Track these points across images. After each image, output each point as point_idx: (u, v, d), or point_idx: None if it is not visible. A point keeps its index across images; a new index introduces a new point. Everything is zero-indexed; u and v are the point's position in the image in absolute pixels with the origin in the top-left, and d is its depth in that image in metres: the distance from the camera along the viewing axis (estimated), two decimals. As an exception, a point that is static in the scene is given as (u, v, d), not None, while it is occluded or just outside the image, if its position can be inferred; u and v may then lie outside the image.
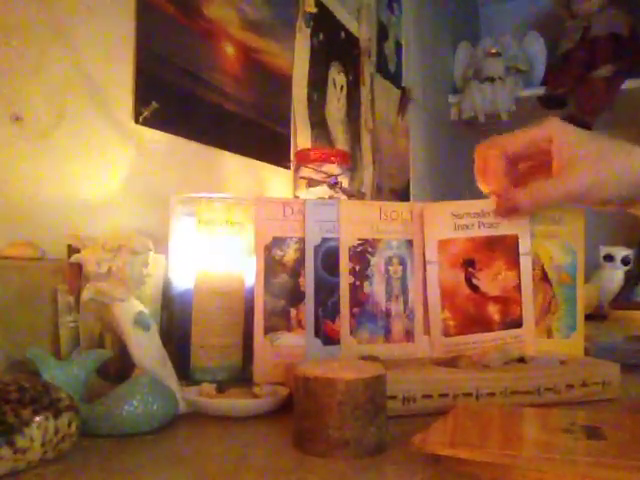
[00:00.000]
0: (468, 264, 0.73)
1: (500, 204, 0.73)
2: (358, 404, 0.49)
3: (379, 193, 1.63)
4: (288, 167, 1.23)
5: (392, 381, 0.56)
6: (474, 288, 0.73)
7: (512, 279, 0.74)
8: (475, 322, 0.73)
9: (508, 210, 0.72)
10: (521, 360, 0.71)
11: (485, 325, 0.74)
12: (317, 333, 0.72)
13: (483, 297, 0.74)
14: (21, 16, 0.72)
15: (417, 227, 0.76)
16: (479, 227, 0.74)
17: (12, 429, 0.43)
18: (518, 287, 0.75)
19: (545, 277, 0.78)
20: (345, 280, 0.73)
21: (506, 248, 0.74)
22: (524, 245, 0.75)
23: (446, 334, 0.73)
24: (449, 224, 0.74)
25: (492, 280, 0.74)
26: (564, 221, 0.78)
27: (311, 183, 1.10)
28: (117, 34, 0.85)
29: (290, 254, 0.72)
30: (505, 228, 0.74)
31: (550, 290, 0.78)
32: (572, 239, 0.79)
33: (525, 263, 0.75)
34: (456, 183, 2.34)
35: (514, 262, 0.74)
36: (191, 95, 0.97)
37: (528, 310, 0.75)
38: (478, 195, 0.76)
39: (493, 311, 0.74)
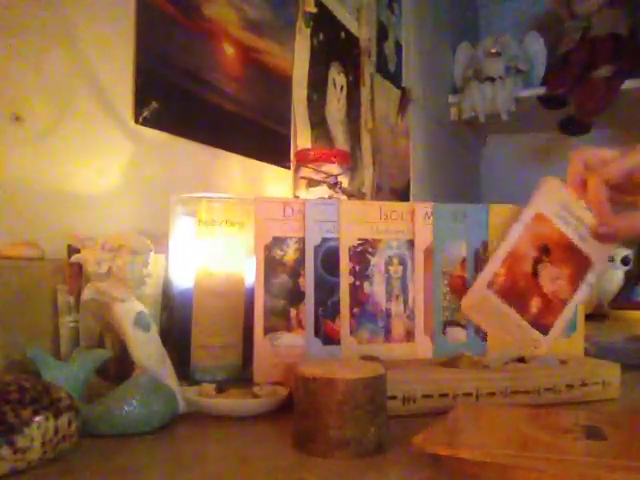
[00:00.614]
0: (544, 250, 0.74)
1: (596, 228, 0.73)
2: (358, 404, 0.49)
3: (379, 193, 1.63)
4: (288, 167, 1.23)
5: (392, 381, 0.56)
6: (535, 273, 0.74)
7: (565, 292, 0.75)
8: (516, 298, 0.73)
9: (604, 235, 0.73)
10: (521, 360, 0.71)
11: (520, 307, 0.74)
12: (317, 333, 0.72)
13: (536, 286, 0.74)
14: (21, 16, 0.72)
15: (419, 226, 0.76)
16: (573, 230, 0.75)
17: (12, 429, 0.43)
18: (565, 302, 0.75)
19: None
20: (345, 280, 0.73)
21: (578, 265, 0.75)
22: (593, 274, 0.76)
23: (489, 286, 0.73)
24: (555, 207, 0.74)
25: (551, 279, 0.74)
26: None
27: (311, 183, 1.10)
28: (117, 34, 0.85)
29: (290, 254, 0.72)
30: (589, 248, 0.75)
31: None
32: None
33: (585, 287, 0.76)
34: (456, 183, 2.34)
35: (576, 280, 0.75)
36: (191, 95, 0.97)
37: (560, 326, 0.75)
38: (475, 197, 0.76)
39: (534, 304, 0.74)
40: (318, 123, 1.36)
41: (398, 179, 1.81)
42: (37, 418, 0.45)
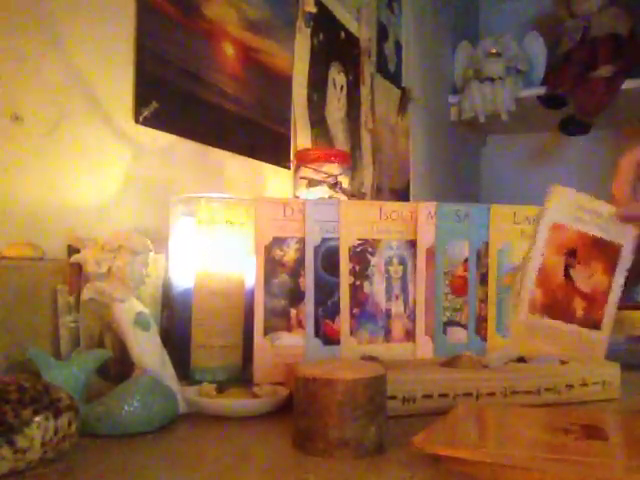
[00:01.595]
0: (570, 254, 0.74)
1: (618, 211, 0.73)
2: (358, 404, 0.49)
3: (379, 193, 1.63)
4: (288, 167, 1.23)
5: (392, 381, 0.56)
6: (569, 278, 0.75)
7: (603, 284, 0.75)
8: (560, 310, 0.74)
9: (626, 216, 0.73)
10: (521, 360, 0.71)
11: (567, 316, 0.74)
12: (317, 333, 0.72)
13: (574, 289, 0.74)
14: (21, 16, 0.72)
15: (422, 226, 0.76)
16: (592, 225, 0.75)
17: (12, 429, 0.43)
18: (606, 293, 0.76)
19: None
20: (345, 280, 0.73)
21: (608, 254, 0.76)
22: (625, 258, 0.77)
23: (532, 311, 0.73)
24: (569, 212, 0.75)
25: (586, 279, 0.75)
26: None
27: (311, 183, 1.09)
28: (117, 34, 0.85)
29: (290, 254, 0.72)
30: (613, 234, 0.75)
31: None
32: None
33: (620, 273, 0.77)
34: (456, 183, 2.34)
35: (611, 269, 0.76)
36: (191, 95, 0.97)
37: (609, 316, 0.76)
38: (474, 197, 0.76)
39: (578, 306, 0.74)
40: (318, 123, 1.36)
41: (398, 179, 1.81)
42: (37, 418, 0.45)
